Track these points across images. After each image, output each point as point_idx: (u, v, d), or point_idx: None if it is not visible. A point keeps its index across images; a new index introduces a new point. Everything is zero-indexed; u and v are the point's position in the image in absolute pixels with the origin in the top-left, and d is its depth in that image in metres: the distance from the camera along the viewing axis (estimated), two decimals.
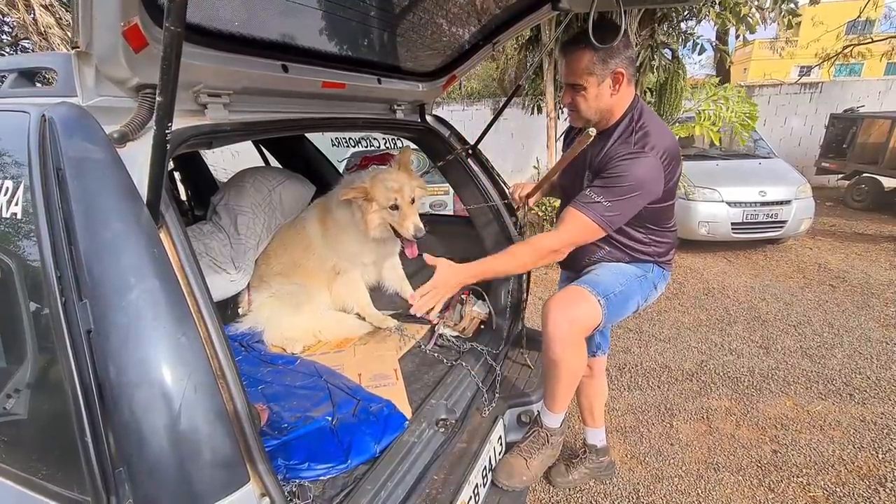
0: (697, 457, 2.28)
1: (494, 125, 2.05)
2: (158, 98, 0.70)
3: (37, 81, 1.14)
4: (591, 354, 1.90)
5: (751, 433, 2.44)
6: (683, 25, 5.37)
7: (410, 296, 1.44)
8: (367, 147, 7.60)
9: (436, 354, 1.90)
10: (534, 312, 3.21)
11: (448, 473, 1.36)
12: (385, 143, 7.45)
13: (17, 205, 0.91)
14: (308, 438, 1.38)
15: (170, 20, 0.60)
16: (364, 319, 2.17)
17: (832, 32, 12.66)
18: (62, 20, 6.18)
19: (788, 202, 5.30)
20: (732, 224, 5.29)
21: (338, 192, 2.01)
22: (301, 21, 1.32)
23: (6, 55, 8.44)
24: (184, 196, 2.91)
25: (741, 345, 3.37)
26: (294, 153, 2.85)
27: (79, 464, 0.81)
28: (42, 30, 6.08)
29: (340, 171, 3.32)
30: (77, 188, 0.82)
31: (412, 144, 2.28)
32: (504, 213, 2.02)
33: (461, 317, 2.13)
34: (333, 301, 2.21)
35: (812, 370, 3.00)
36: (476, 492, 1.42)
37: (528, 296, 2.12)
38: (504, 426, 1.69)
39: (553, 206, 5.25)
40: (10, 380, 0.99)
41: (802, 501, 2.02)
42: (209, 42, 1.08)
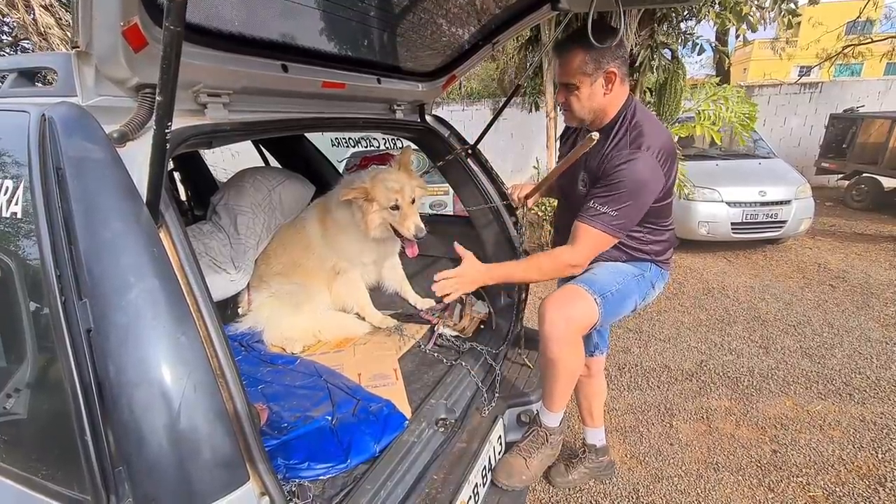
0: (697, 456, 2.28)
1: (494, 125, 2.06)
2: (158, 98, 0.70)
3: (37, 81, 1.14)
4: (590, 354, 1.90)
5: (750, 433, 2.44)
6: (683, 26, 5.36)
7: (436, 275, 1.51)
8: (367, 147, 7.60)
9: (435, 354, 1.90)
10: (533, 312, 3.21)
11: (448, 473, 1.36)
12: (385, 144, 7.45)
13: (17, 204, 0.91)
14: (308, 438, 1.38)
15: (169, 20, 0.60)
16: (364, 319, 2.17)
17: (832, 33, 12.67)
18: (62, 20, 6.18)
19: (788, 202, 5.30)
20: (732, 224, 5.29)
21: (338, 193, 2.02)
22: (301, 21, 1.32)
23: (6, 55, 8.44)
24: (183, 196, 2.91)
25: (741, 345, 3.37)
26: (294, 153, 2.85)
27: (79, 463, 0.81)
28: (42, 30, 6.08)
29: (340, 171, 3.32)
30: (77, 188, 0.82)
31: (412, 145, 2.28)
32: (504, 214, 2.02)
33: (461, 317, 2.13)
34: (333, 301, 2.21)
35: (812, 370, 3.00)
36: (476, 491, 1.42)
37: (528, 295, 2.12)
38: (504, 426, 1.69)
39: (552, 206, 5.25)
40: (10, 379, 0.99)
41: (802, 501, 2.02)
42: (209, 42, 1.08)
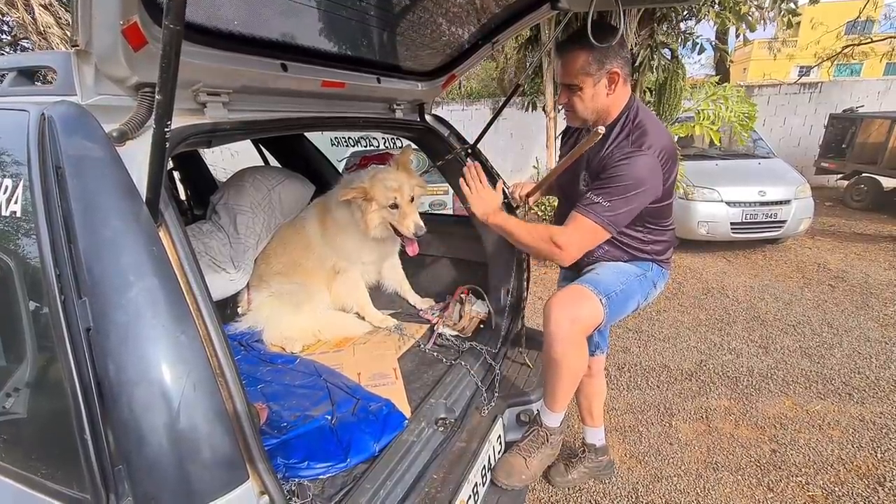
0: (696, 456, 2.29)
1: (494, 125, 2.06)
2: (158, 97, 0.70)
3: (36, 80, 1.14)
4: (591, 354, 1.90)
5: (750, 433, 2.44)
6: (683, 25, 5.36)
7: (470, 165, 1.73)
8: (367, 146, 7.60)
9: (435, 354, 1.90)
10: (533, 312, 3.21)
11: (447, 472, 1.36)
12: (384, 143, 7.45)
13: (17, 203, 0.91)
14: (307, 437, 1.38)
15: (169, 18, 0.60)
16: (363, 319, 2.17)
17: (832, 32, 12.67)
18: (61, 19, 6.18)
19: (788, 202, 5.30)
20: (732, 224, 5.29)
21: (337, 192, 2.02)
22: (300, 20, 1.32)
23: (6, 54, 8.43)
24: (183, 195, 2.91)
25: (740, 344, 3.37)
26: (293, 152, 2.85)
27: (78, 462, 0.81)
28: (41, 29, 6.08)
29: (340, 171, 3.31)
30: (76, 186, 0.82)
31: (412, 144, 2.28)
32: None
33: (460, 316, 2.13)
34: (333, 300, 2.21)
35: (811, 370, 3.00)
36: (475, 491, 1.42)
37: (528, 294, 2.12)
38: (503, 425, 1.69)
39: (552, 206, 5.26)
40: (10, 378, 0.99)
41: (801, 501, 2.02)
42: (208, 41, 1.08)
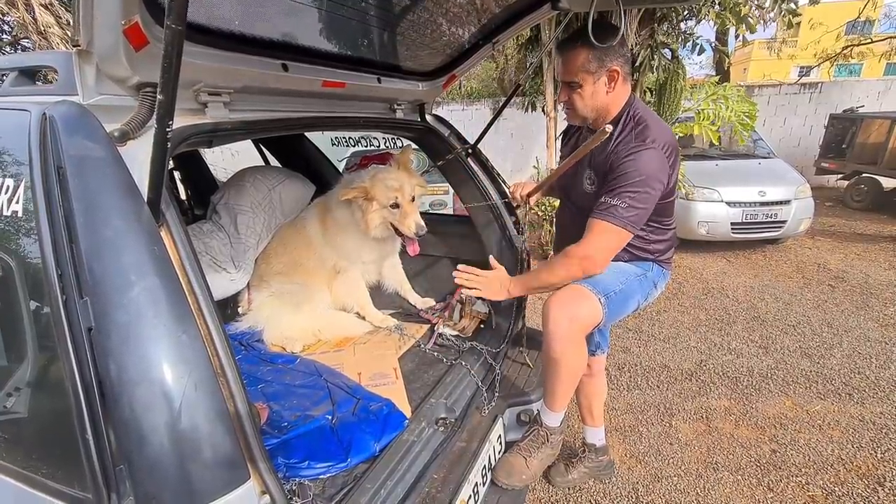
0: (696, 456, 2.29)
1: (494, 125, 2.06)
2: (159, 97, 0.70)
3: (37, 80, 1.14)
4: (591, 353, 1.90)
5: (750, 433, 2.44)
6: (683, 26, 5.36)
7: (460, 268, 1.63)
8: (367, 146, 7.60)
9: (435, 353, 1.90)
10: (533, 312, 3.21)
11: (448, 472, 1.36)
12: (385, 143, 7.45)
13: (18, 203, 0.91)
14: (308, 437, 1.38)
15: (171, 19, 0.60)
16: (364, 319, 2.17)
17: (832, 33, 12.67)
18: (61, 19, 6.18)
19: (788, 202, 5.30)
20: (732, 224, 5.29)
21: (338, 192, 2.02)
22: (301, 20, 1.32)
23: (6, 54, 8.43)
24: (184, 195, 2.91)
25: (740, 344, 3.37)
26: (294, 152, 2.85)
27: (80, 461, 0.81)
28: (42, 29, 6.08)
29: (340, 171, 3.32)
30: (78, 186, 0.82)
31: (412, 144, 2.28)
32: (504, 213, 2.02)
33: (461, 316, 2.13)
34: (333, 300, 2.21)
35: (811, 370, 3.01)
36: (475, 491, 1.42)
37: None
38: (504, 425, 1.69)
39: (553, 206, 5.25)
40: (11, 378, 0.99)
41: (801, 501, 2.02)
42: (210, 41, 1.08)
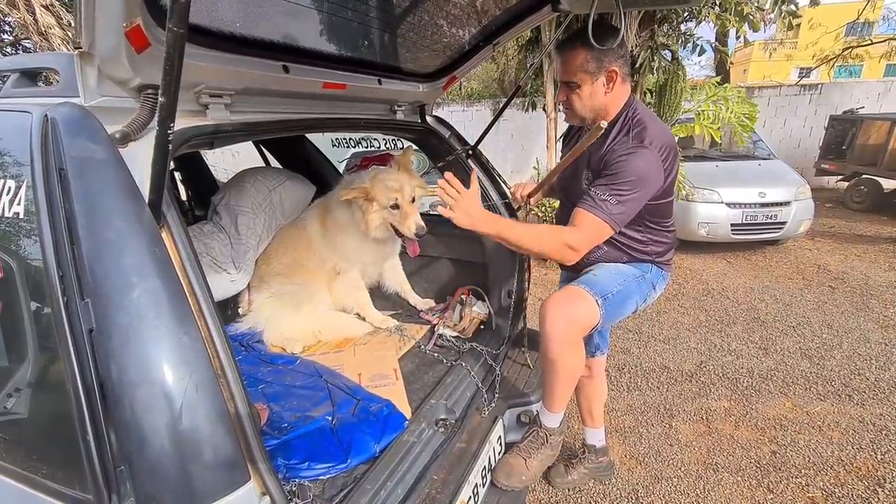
0: (696, 457, 2.29)
1: (494, 126, 2.06)
2: (160, 98, 0.70)
3: (39, 82, 1.15)
4: (591, 355, 1.90)
5: (750, 434, 2.44)
6: (683, 27, 5.37)
7: (446, 176, 1.42)
8: (368, 147, 7.61)
9: (435, 354, 1.90)
10: (533, 312, 3.21)
11: (447, 473, 1.36)
12: (385, 144, 7.46)
13: (20, 204, 0.91)
14: (308, 438, 1.38)
15: (172, 21, 0.60)
16: (364, 319, 2.17)
17: (831, 34, 12.68)
18: (63, 20, 6.19)
19: (788, 203, 5.31)
20: (732, 225, 5.30)
21: (338, 193, 2.02)
22: (302, 22, 1.32)
23: (7, 55, 8.44)
24: (184, 196, 2.91)
25: (740, 346, 3.37)
26: (294, 153, 2.85)
27: (80, 462, 0.81)
28: (43, 30, 6.09)
29: (340, 172, 3.32)
30: (79, 188, 0.83)
31: (413, 145, 2.29)
32: (504, 213, 2.02)
33: (461, 317, 2.13)
34: (333, 301, 2.21)
35: (811, 371, 3.01)
36: (475, 492, 1.42)
37: (528, 295, 2.12)
38: (503, 426, 1.69)
39: (553, 207, 5.26)
40: (12, 379, 0.99)
41: (801, 502, 2.02)
42: (211, 43, 1.08)
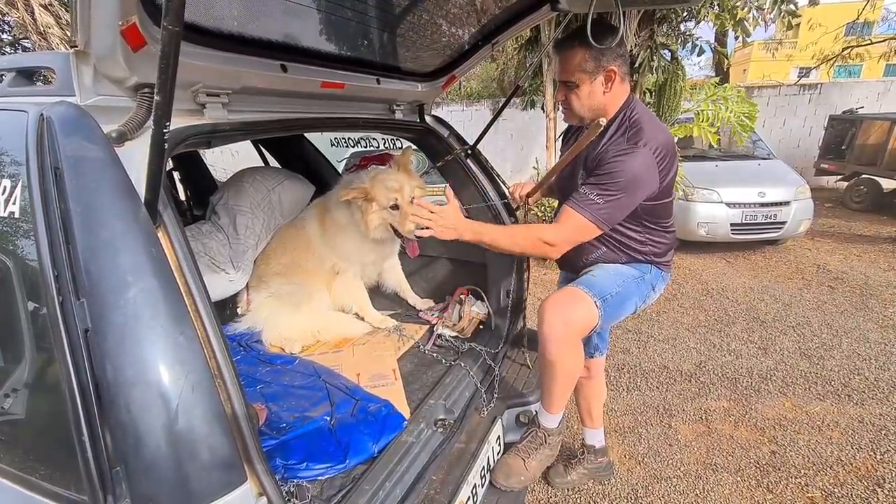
0: (696, 457, 2.28)
1: (494, 126, 2.06)
2: (157, 97, 0.70)
3: (35, 80, 1.14)
4: (590, 355, 1.90)
5: (749, 434, 2.44)
6: (682, 27, 5.37)
7: (416, 203, 1.56)
8: (367, 147, 7.60)
9: (434, 355, 1.90)
10: (533, 312, 3.21)
11: (446, 473, 1.35)
12: (384, 144, 7.45)
13: (15, 203, 0.91)
14: (306, 438, 1.38)
15: (168, 19, 0.60)
16: (363, 319, 2.17)
17: (831, 34, 12.69)
18: (61, 19, 6.18)
19: (787, 203, 5.31)
20: (731, 225, 5.30)
21: (337, 193, 2.02)
22: (300, 21, 1.32)
23: (6, 54, 8.43)
24: (183, 196, 2.91)
25: (740, 346, 3.37)
26: (293, 153, 2.85)
27: (76, 463, 0.80)
28: (41, 29, 6.08)
29: (339, 172, 3.31)
30: (75, 187, 0.82)
31: (412, 145, 2.28)
32: (503, 213, 2.02)
33: (460, 317, 2.13)
34: (332, 301, 2.21)
35: (810, 371, 3.00)
36: (474, 492, 1.41)
37: (527, 295, 2.12)
38: (502, 426, 1.69)
39: (552, 207, 5.25)
40: (8, 379, 0.98)
41: (801, 502, 2.02)
42: (208, 41, 1.08)
